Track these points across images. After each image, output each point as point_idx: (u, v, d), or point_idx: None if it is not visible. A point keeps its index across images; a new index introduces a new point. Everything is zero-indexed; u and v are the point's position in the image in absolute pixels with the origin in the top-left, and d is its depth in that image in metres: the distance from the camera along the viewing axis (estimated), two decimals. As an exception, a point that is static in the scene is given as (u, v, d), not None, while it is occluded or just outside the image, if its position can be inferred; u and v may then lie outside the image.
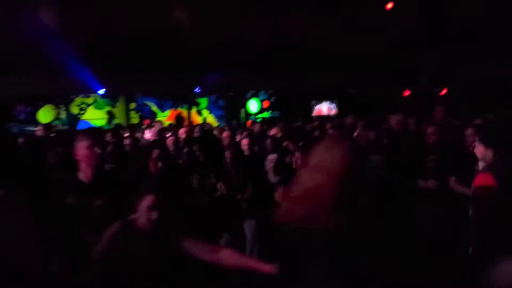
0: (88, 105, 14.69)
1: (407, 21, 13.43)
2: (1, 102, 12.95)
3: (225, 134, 5.94)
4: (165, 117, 14.86)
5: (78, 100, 14.60)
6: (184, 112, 15.39)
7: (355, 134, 6.00)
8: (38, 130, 6.51)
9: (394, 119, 6.51)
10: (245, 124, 12.92)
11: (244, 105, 15.82)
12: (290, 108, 14.79)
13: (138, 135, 7.79)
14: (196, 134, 7.44)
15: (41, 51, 12.33)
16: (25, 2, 12.93)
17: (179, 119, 14.20)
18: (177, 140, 6.23)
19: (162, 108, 15.34)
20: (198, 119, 14.99)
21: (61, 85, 13.15)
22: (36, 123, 12.80)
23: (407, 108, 9.46)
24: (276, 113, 15.65)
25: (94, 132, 3.67)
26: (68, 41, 12.95)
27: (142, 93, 15.00)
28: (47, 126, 7.21)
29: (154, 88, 14.36)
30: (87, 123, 14.23)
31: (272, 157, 5.94)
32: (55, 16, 14.04)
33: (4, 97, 12.99)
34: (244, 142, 5.81)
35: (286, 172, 5.40)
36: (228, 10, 15.18)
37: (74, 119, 14.35)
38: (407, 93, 15.26)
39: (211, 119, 15.02)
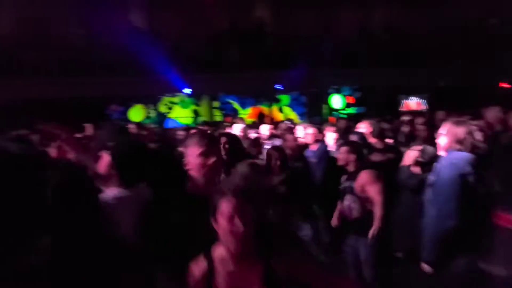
0: (175, 104, 15.25)
1: (505, 9, 12.44)
2: (96, 102, 13.77)
3: (311, 130, 5.78)
4: (247, 114, 14.99)
5: (166, 99, 15.18)
6: (265, 109, 15.42)
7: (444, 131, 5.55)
8: (131, 129, 6.75)
9: (490, 114, 5.93)
10: (327, 120, 12.64)
11: (326, 101, 15.52)
12: (377, 103, 14.24)
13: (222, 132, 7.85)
14: (279, 131, 7.35)
15: (131, 53, 12.95)
16: (116, 6, 13.63)
17: (260, 117, 14.24)
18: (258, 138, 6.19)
19: (244, 106, 15.50)
20: (279, 116, 14.94)
21: (150, 86, 13.72)
22: (127, 121, 13.46)
23: (506, 102, 8.69)
24: (362, 109, 15.17)
25: (209, 136, 2.85)
26: (156, 43, 13.48)
27: (225, 91, 15.24)
28: (139, 124, 7.50)
29: (236, 86, 14.51)
30: (174, 121, 14.76)
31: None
32: (144, 20, 14.69)
33: (99, 98, 13.81)
34: (332, 137, 5.62)
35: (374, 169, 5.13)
36: (310, 4, 14.98)
37: (162, 118, 14.95)
38: (505, 85, 14.12)
39: (293, 116, 14.90)
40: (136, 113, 14.83)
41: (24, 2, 12.78)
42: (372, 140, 5.84)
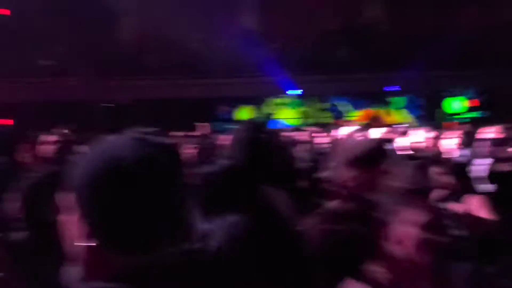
0: (283, 105, 15.27)
1: None
2: (207, 103, 14.32)
3: (432, 134, 5.35)
4: (358, 116, 14.54)
5: (273, 100, 15.27)
6: (378, 111, 14.86)
7: None
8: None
9: None
10: (445, 124, 11.82)
11: (445, 104, 14.55)
12: (504, 107, 12.95)
13: (332, 134, 7.66)
14: (394, 135, 6.94)
15: (241, 55, 13.23)
16: (229, 10, 14.03)
17: (373, 119, 13.72)
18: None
19: (355, 108, 15.09)
20: (393, 119, 14.28)
21: (258, 87, 13.90)
22: (235, 122, 13.76)
23: None
24: (486, 113, 13.93)
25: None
26: (265, 45, 13.62)
27: (335, 93, 14.96)
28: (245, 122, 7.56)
29: (347, 87, 14.17)
30: (281, 122, 14.77)
31: (486, 162, 5.15)
32: (254, 21, 14.96)
33: (209, 99, 14.33)
34: (454, 142, 5.16)
35: (502, 180, 4.60)
36: (426, 2, 14.22)
37: (269, 119, 15.03)
38: None
39: (408, 119, 14.16)
40: (244, 114, 15.11)
41: (145, 10, 13.66)
42: (499, 148, 5.27)
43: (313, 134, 7.18)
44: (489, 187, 5.00)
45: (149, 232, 0.89)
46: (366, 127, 9.27)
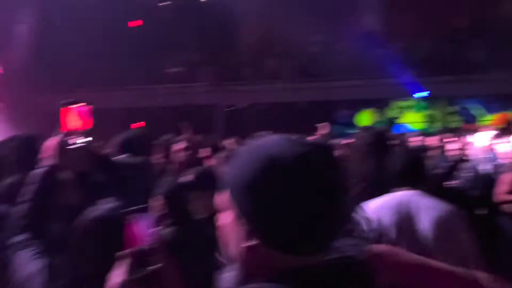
0: (407, 108, 14.57)
1: None
2: (326, 106, 14.17)
3: None
4: (492, 120, 13.33)
5: (397, 103, 14.64)
6: (515, 115, 13.50)
7: None
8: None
9: None
10: None
11: None
12: None
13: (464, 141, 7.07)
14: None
15: (363, 57, 12.89)
16: (350, 11, 13.81)
17: (509, 124, 12.48)
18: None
19: (488, 111, 13.87)
20: (533, 123, 12.86)
21: (381, 89, 13.46)
22: (355, 126, 13.42)
23: None
24: None
25: None
26: (389, 45, 13.13)
27: (465, 95, 13.93)
28: (367, 129, 7.24)
29: (479, 88, 13.11)
30: (405, 126, 14.10)
31: None
32: (377, 21, 14.51)
33: (329, 102, 14.16)
34: None
35: None
36: None
37: (392, 123, 14.43)
38: None
39: (552, 123, 12.63)
40: (365, 118, 14.68)
41: (265, 14, 13.95)
42: None
43: (443, 140, 6.70)
44: None
45: (309, 232, 0.89)
46: (503, 132, 8.46)
